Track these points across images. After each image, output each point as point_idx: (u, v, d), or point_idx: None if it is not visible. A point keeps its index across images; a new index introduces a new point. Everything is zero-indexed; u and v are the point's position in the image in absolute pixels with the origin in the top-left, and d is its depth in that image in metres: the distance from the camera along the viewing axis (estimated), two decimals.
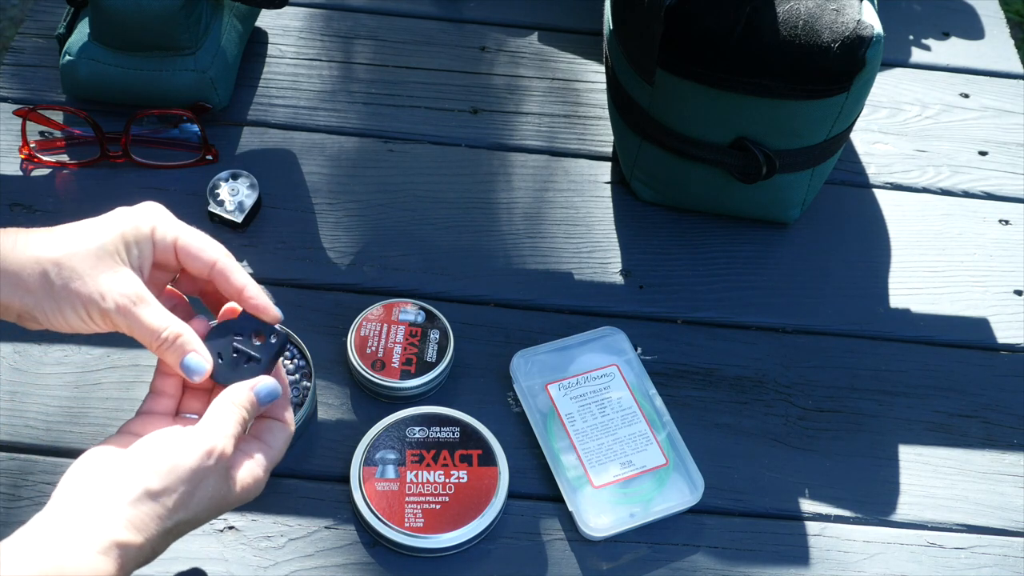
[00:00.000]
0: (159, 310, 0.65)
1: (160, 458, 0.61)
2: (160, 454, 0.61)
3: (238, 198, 0.92)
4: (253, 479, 0.65)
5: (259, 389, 0.66)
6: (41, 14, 1.05)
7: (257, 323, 0.68)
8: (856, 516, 0.82)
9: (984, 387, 0.90)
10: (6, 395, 0.81)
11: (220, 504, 0.63)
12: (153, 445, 0.62)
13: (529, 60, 1.09)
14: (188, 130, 0.96)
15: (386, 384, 0.83)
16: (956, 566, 0.80)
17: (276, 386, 0.67)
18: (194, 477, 0.61)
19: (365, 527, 0.77)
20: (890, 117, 1.09)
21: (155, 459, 0.61)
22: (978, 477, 0.85)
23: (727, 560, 0.79)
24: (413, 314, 0.86)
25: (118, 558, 0.57)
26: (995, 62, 1.15)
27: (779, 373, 0.89)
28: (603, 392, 0.84)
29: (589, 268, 0.94)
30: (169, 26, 0.91)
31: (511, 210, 0.97)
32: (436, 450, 0.79)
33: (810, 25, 0.81)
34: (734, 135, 0.88)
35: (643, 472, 0.80)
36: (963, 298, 0.96)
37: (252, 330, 0.68)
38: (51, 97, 0.99)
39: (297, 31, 1.08)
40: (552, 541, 0.78)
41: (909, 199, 1.03)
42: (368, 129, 1.01)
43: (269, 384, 0.67)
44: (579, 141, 1.03)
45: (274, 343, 0.68)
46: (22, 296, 0.63)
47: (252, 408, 0.66)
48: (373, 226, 0.94)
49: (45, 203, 0.92)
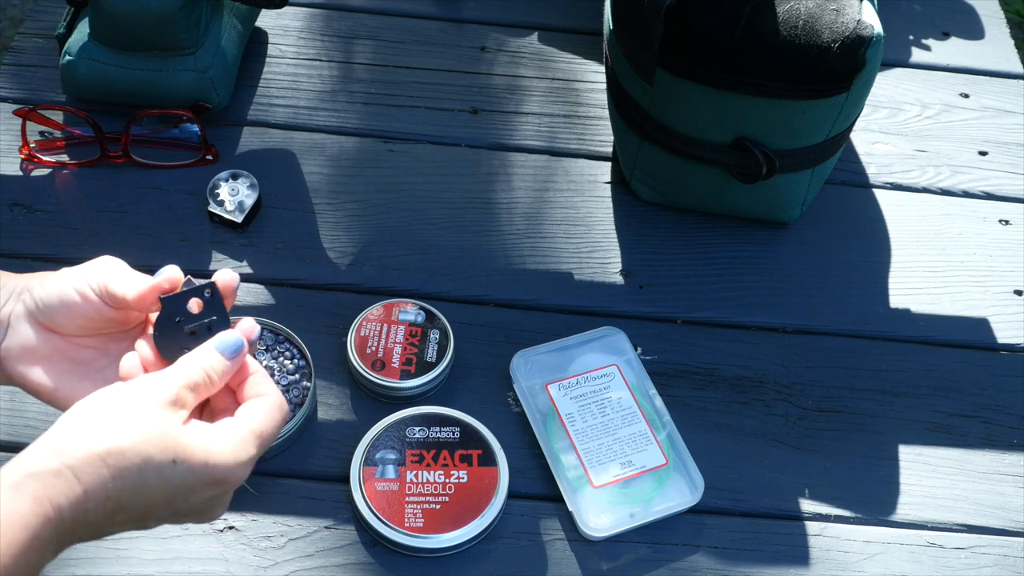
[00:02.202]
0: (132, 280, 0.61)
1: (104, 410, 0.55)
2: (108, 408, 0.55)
3: (238, 198, 0.92)
4: (231, 444, 0.57)
5: (219, 344, 0.60)
6: (41, 14, 1.05)
7: (179, 298, 0.62)
8: (856, 516, 0.82)
9: (984, 387, 0.90)
10: (6, 395, 0.81)
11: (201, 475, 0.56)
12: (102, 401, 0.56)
13: (529, 60, 1.09)
14: (188, 130, 0.96)
15: (386, 384, 0.83)
16: (956, 566, 0.80)
17: (237, 338, 0.60)
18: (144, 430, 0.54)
19: (365, 527, 0.77)
20: (890, 117, 1.09)
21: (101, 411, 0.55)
22: (978, 477, 0.85)
23: (727, 560, 0.79)
24: (413, 314, 0.86)
25: (35, 494, 0.50)
26: (995, 62, 1.15)
27: (779, 373, 0.89)
28: (603, 392, 0.84)
29: (589, 268, 0.94)
30: (169, 26, 0.91)
31: (511, 210, 0.97)
32: (436, 450, 0.79)
33: (810, 25, 0.81)
34: (734, 135, 0.88)
35: (643, 472, 0.80)
36: (963, 298, 0.96)
37: (183, 306, 0.62)
38: (51, 97, 0.99)
39: (297, 31, 1.08)
40: (552, 541, 0.78)
41: (909, 199, 1.03)
42: (368, 129, 1.01)
43: (228, 338, 0.60)
44: (579, 141, 1.03)
45: (210, 296, 0.62)
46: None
47: (220, 367, 0.59)
48: (373, 226, 0.94)
49: (45, 203, 0.92)
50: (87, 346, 0.63)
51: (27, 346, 0.61)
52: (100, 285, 0.61)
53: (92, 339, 0.63)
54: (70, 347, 0.62)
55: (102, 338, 0.63)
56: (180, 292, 0.62)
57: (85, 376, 0.63)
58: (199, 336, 0.61)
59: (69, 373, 0.62)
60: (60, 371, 0.62)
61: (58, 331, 0.62)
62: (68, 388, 0.62)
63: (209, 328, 0.62)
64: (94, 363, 0.63)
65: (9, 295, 0.62)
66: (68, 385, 0.62)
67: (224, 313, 0.62)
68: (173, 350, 0.61)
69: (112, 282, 0.61)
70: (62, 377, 0.62)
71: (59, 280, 0.61)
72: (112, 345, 0.64)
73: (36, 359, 0.61)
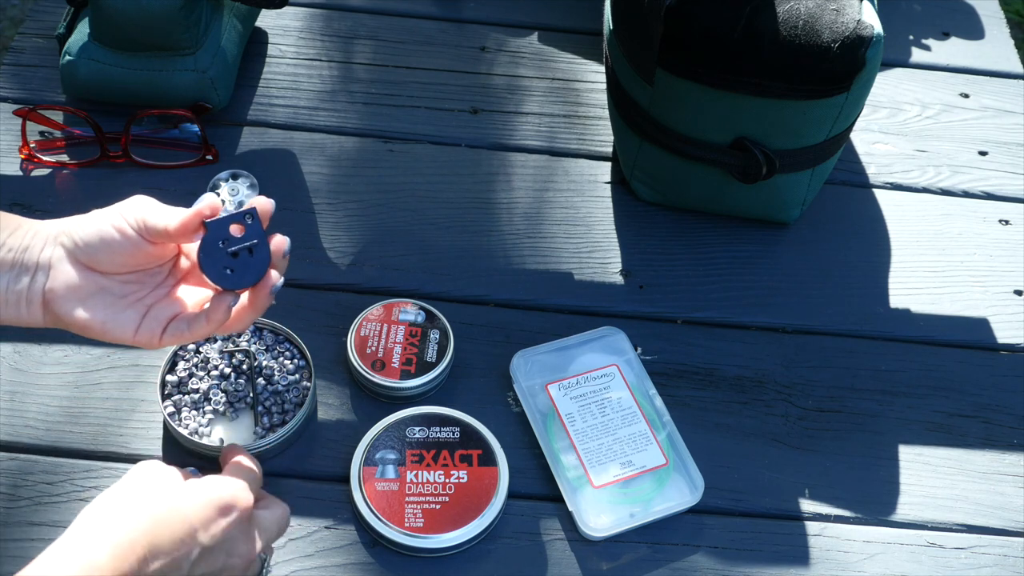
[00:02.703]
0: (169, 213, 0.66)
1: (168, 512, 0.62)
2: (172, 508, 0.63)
3: (238, 198, 0.92)
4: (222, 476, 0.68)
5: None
6: (41, 14, 1.05)
7: (222, 222, 0.66)
8: (856, 516, 0.82)
9: (984, 387, 0.90)
10: (6, 395, 0.81)
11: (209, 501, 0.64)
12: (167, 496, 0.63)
13: (529, 60, 1.09)
14: (188, 130, 0.96)
15: (386, 384, 0.83)
16: (956, 566, 0.80)
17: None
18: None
19: (365, 527, 0.77)
20: (890, 117, 1.09)
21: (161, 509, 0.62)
22: (978, 477, 0.85)
23: (727, 560, 0.79)
24: (413, 314, 0.86)
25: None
26: (995, 62, 1.15)
27: (779, 373, 0.89)
28: (603, 392, 0.84)
29: (589, 268, 0.94)
30: (169, 26, 0.91)
31: (511, 210, 0.97)
32: (436, 450, 0.79)
33: (810, 25, 0.81)
34: (734, 135, 0.88)
35: (643, 472, 0.80)
36: (963, 298, 0.96)
37: (226, 230, 0.66)
38: (51, 97, 0.99)
39: (297, 31, 1.08)
40: (552, 541, 0.78)
41: (909, 199, 1.03)
42: (368, 129, 1.01)
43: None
44: (579, 141, 1.03)
45: (251, 223, 0.66)
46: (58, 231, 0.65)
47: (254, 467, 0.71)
48: (373, 226, 0.94)
49: (45, 203, 0.92)
50: (126, 281, 0.67)
51: (72, 285, 0.65)
52: (138, 220, 0.65)
53: (130, 275, 0.67)
54: (111, 283, 0.66)
55: (139, 273, 0.67)
56: (223, 217, 0.66)
57: (129, 307, 0.67)
58: (241, 257, 0.65)
59: (113, 307, 0.66)
60: (105, 305, 0.66)
61: (99, 269, 0.65)
62: (115, 320, 0.66)
63: (250, 251, 0.65)
64: (134, 295, 0.67)
65: (45, 240, 0.65)
66: (115, 317, 0.66)
67: (263, 237, 0.66)
68: (217, 271, 0.65)
69: (150, 216, 0.65)
70: (108, 311, 0.66)
71: (96, 220, 0.65)
72: (148, 279, 0.68)
73: (82, 297, 0.65)
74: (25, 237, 0.65)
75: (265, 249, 0.66)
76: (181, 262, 0.69)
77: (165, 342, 0.67)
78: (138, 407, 0.81)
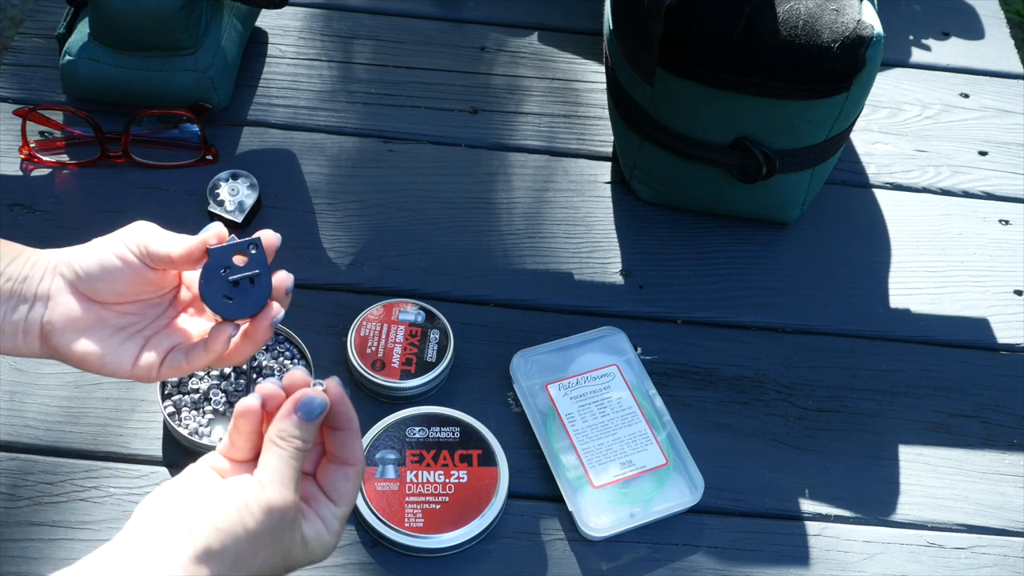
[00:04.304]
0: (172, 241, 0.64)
1: (223, 518, 0.57)
2: (223, 513, 0.57)
3: (238, 198, 0.92)
4: (321, 542, 0.60)
5: (300, 409, 0.60)
6: (41, 14, 1.05)
7: (226, 250, 0.64)
8: (856, 516, 0.82)
9: (984, 387, 0.90)
10: (6, 395, 0.81)
11: (286, 560, 0.59)
12: (218, 502, 0.58)
13: (529, 60, 1.09)
14: (188, 130, 0.96)
15: (386, 384, 0.83)
16: (956, 566, 0.80)
17: (320, 400, 0.60)
18: (256, 538, 0.57)
19: (365, 527, 0.77)
20: (890, 117, 1.09)
21: (218, 518, 0.57)
22: (978, 477, 0.85)
23: (727, 560, 0.79)
24: (413, 314, 0.86)
25: None
26: (995, 62, 1.15)
27: (779, 373, 0.89)
28: (603, 392, 0.84)
29: (589, 268, 0.94)
30: (169, 26, 0.92)
31: (511, 210, 0.97)
32: (436, 450, 0.79)
33: (810, 25, 0.81)
34: (734, 135, 0.88)
35: (643, 472, 0.80)
36: (963, 298, 0.96)
37: (229, 258, 0.64)
38: (51, 97, 0.99)
39: (297, 31, 1.08)
40: (552, 541, 0.78)
41: (909, 199, 1.03)
42: (368, 129, 1.01)
43: (312, 401, 0.60)
44: (579, 141, 1.03)
45: (255, 252, 0.64)
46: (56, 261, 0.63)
47: (304, 432, 0.59)
48: (373, 226, 0.94)
49: (45, 203, 0.92)
50: (126, 312, 0.65)
51: (70, 317, 0.63)
52: (140, 246, 0.63)
53: (130, 305, 0.65)
54: (111, 314, 0.64)
55: (139, 304, 0.65)
56: (227, 245, 0.64)
57: (128, 339, 0.65)
58: (242, 287, 0.64)
59: (111, 339, 0.64)
60: (103, 337, 0.64)
61: (98, 299, 0.64)
62: (113, 353, 0.64)
63: (251, 280, 0.64)
64: (134, 326, 0.65)
65: (45, 270, 0.64)
66: (113, 350, 0.64)
67: (266, 268, 0.65)
68: (217, 298, 0.64)
69: (152, 242, 0.63)
70: (107, 343, 0.64)
71: (97, 248, 0.64)
72: (148, 310, 0.66)
73: (80, 329, 0.63)
74: (25, 266, 0.63)
75: (267, 281, 0.64)
76: (182, 293, 0.67)
77: (163, 374, 0.65)
78: (138, 407, 0.82)
